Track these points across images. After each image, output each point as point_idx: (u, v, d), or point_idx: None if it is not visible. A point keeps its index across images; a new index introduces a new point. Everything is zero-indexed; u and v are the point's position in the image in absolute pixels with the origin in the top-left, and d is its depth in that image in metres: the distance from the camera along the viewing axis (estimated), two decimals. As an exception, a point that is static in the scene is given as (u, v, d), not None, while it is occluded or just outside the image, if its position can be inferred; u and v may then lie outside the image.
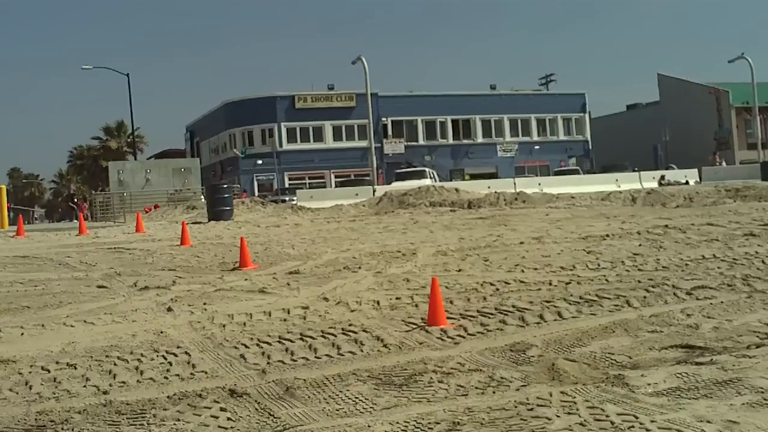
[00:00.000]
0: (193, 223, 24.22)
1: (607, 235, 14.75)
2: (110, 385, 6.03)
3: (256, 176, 70.51)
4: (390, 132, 75.18)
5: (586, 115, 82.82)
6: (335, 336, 7.22)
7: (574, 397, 5.15)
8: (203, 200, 34.40)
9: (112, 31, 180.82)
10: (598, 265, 10.93)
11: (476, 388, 5.51)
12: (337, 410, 5.15)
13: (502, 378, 5.70)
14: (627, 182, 40.12)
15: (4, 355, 6.94)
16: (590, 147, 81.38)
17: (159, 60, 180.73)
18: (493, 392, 5.39)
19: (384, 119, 73.62)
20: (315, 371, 6.13)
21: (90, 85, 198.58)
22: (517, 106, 79.23)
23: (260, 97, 72.71)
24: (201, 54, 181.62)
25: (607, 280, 9.70)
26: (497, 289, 9.36)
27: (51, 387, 6.03)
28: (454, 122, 77.61)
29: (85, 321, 8.45)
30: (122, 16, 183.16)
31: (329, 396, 5.47)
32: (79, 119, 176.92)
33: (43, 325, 8.32)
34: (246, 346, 7.02)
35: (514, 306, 8.23)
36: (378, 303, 8.78)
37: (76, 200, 67.56)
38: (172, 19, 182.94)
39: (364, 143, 65.31)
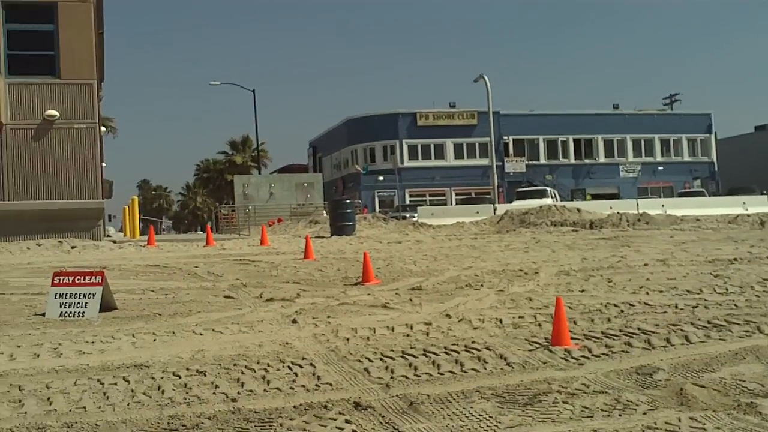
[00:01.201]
0: (316, 237, 24.56)
1: (735, 259, 14.33)
2: (238, 392, 6.16)
3: (377, 192, 71.08)
4: (511, 150, 74.82)
5: (712, 136, 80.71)
6: (458, 353, 7.21)
7: (704, 424, 5.02)
8: (326, 215, 34.84)
9: (239, 49, 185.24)
10: (726, 289, 10.63)
11: (602, 410, 5.43)
12: (461, 427, 5.15)
13: (628, 401, 5.60)
14: (755, 205, 38.80)
15: (137, 360, 7.19)
16: (716, 169, 79.24)
17: (283, 76, 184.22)
18: (620, 415, 5.30)
19: (505, 137, 73.32)
20: (438, 387, 6.14)
21: (217, 100, 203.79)
22: (641, 126, 77.78)
23: (383, 114, 73.32)
24: (324, 71, 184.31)
25: (735, 305, 9.42)
26: (621, 311, 9.20)
27: (182, 392, 6.20)
28: (576, 141, 76.73)
29: (213, 330, 8.68)
30: (249, 35, 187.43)
31: (453, 412, 5.47)
32: (206, 134, 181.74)
33: (173, 332, 8.57)
34: (370, 360, 7.08)
35: (639, 328, 8.07)
36: (501, 321, 8.74)
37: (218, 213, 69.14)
38: (295, 37, 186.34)
39: (485, 161, 65.22)
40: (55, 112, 25.19)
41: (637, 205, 39.01)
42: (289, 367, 6.90)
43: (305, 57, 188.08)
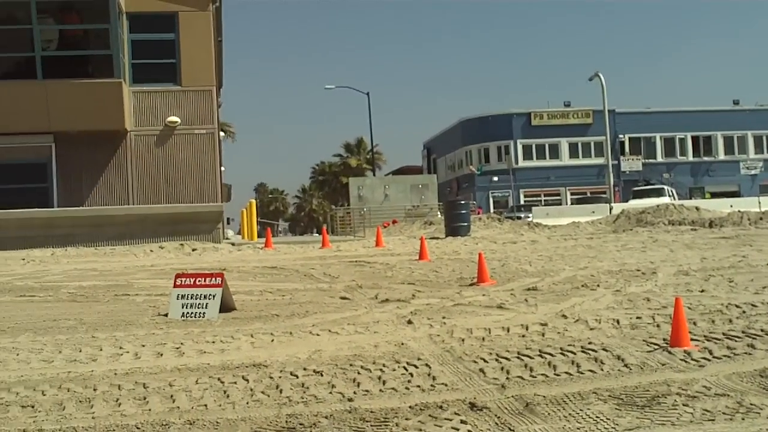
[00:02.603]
0: (430, 238, 24.58)
1: None
2: (354, 392, 6.24)
3: (492, 193, 70.75)
4: (627, 149, 73.45)
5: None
6: (574, 354, 7.14)
7: (833, 429, 4.86)
8: (440, 216, 34.82)
9: (353, 52, 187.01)
10: None
11: (723, 413, 5.30)
12: (578, 429, 5.11)
13: (751, 404, 5.46)
14: None
15: (256, 360, 7.35)
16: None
17: (397, 78, 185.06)
18: (743, 419, 5.17)
19: (621, 136, 72.02)
20: (554, 388, 6.10)
21: (332, 104, 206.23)
22: (763, 122, 75.22)
23: (497, 114, 72.98)
24: (438, 71, 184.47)
25: None
26: (744, 312, 8.95)
27: (299, 392, 6.32)
28: (694, 139, 74.81)
29: (329, 330, 8.80)
30: (362, 38, 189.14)
31: (569, 414, 5.43)
32: (321, 137, 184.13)
33: (291, 333, 8.73)
34: (485, 361, 7.07)
35: (762, 330, 7.85)
36: (618, 322, 8.61)
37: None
38: (409, 39, 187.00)
39: (600, 160, 64.26)
40: (176, 119, 25.94)
41: (759, 203, 37.80)
42: (404, 367, 6.94)
43: (419, 58, 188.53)
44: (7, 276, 15.94)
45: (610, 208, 37.02)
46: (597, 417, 5.32)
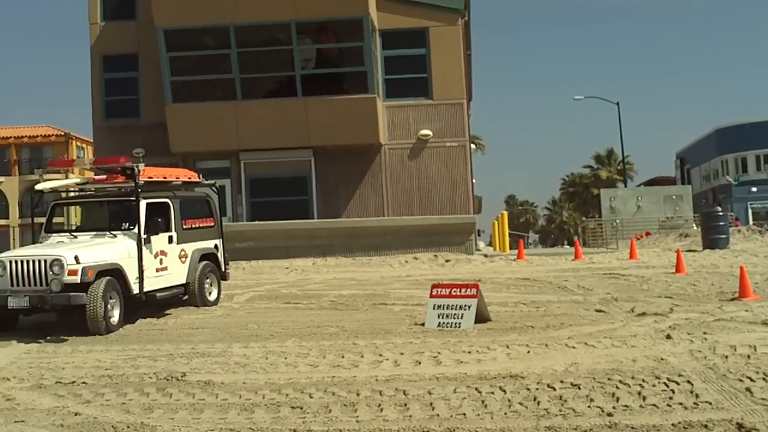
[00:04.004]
0: (687, 251, 23.70)
1: None
2: (613, 407, 6.15)
3: (751, 204, 67.22)
4: None
5: None
6: None
7: None
8: (696, 228, 33.55)
9: (601, 62, 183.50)
10: None
11: None
12: None
13: None
14: None
15: (513, 371, 7.39)
16: None
17: (648, 87, 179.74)
18: None
19: None
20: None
21: (581, 114, 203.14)
22: None
23: (755, 122, 69.34)
24: (689, 79, 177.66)
25: None
26: None
27: (557, 404, 6.30)
28: None
29: (585, 343, 8.70)
30: (611, 47, 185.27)
31: None
32: (570, 148, 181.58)
33: (546, 345, 8.71)
34: (751, 380, 6.77)
35: None
36: None
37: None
38: (659, 46, 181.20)
39: None
40: (428, 132, 26.43)
41: None
42: (665, 383, 6.77)
43: (669, 64, 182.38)
44: (274, 284, 16.87)
45: None
46: None
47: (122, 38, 27.16)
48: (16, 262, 10.91)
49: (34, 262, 10.83)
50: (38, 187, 12.70)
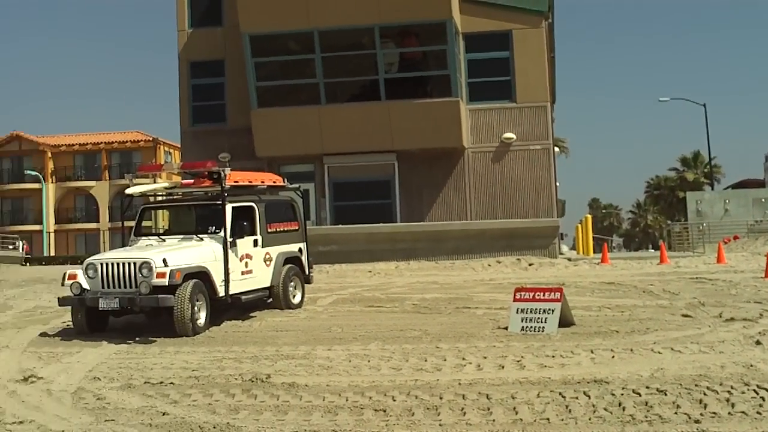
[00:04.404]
0: (777, 255, 23.17)
1: None
2: (701, 414, 6.07)
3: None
4: None
5: None
6: None
7: None
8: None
9: (688, 62, 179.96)
10: None
11: None
12: None
13: None
14: None
15: (597, 376, 7.34)
16: None
17: (734, 86, 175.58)
18: None
19: None
20: None
21: (667, 116, 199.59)
22: None
23: None
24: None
25: None
26: None
27: (643, 410, 6.24)
28: None
29: (672, 348, 8.59)
30: (698, 46, 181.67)
31: None
32: (655, 150, 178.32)
33: (631, 350, 8.62)
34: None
35: None
36: None
37: None
38: (745, 46, 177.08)
39: None
40: (512, 135, 26.32)
41: None
42: (754, 390, 6.66)
43: (757, 66, 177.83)
44: (357, 287, 16.99)
45: None
46: None
47: (209, 44, 27.70)
48: (106, 264, 11.21)
49: (124, 264, 11.11)
50: (128, 191, 13.02)
